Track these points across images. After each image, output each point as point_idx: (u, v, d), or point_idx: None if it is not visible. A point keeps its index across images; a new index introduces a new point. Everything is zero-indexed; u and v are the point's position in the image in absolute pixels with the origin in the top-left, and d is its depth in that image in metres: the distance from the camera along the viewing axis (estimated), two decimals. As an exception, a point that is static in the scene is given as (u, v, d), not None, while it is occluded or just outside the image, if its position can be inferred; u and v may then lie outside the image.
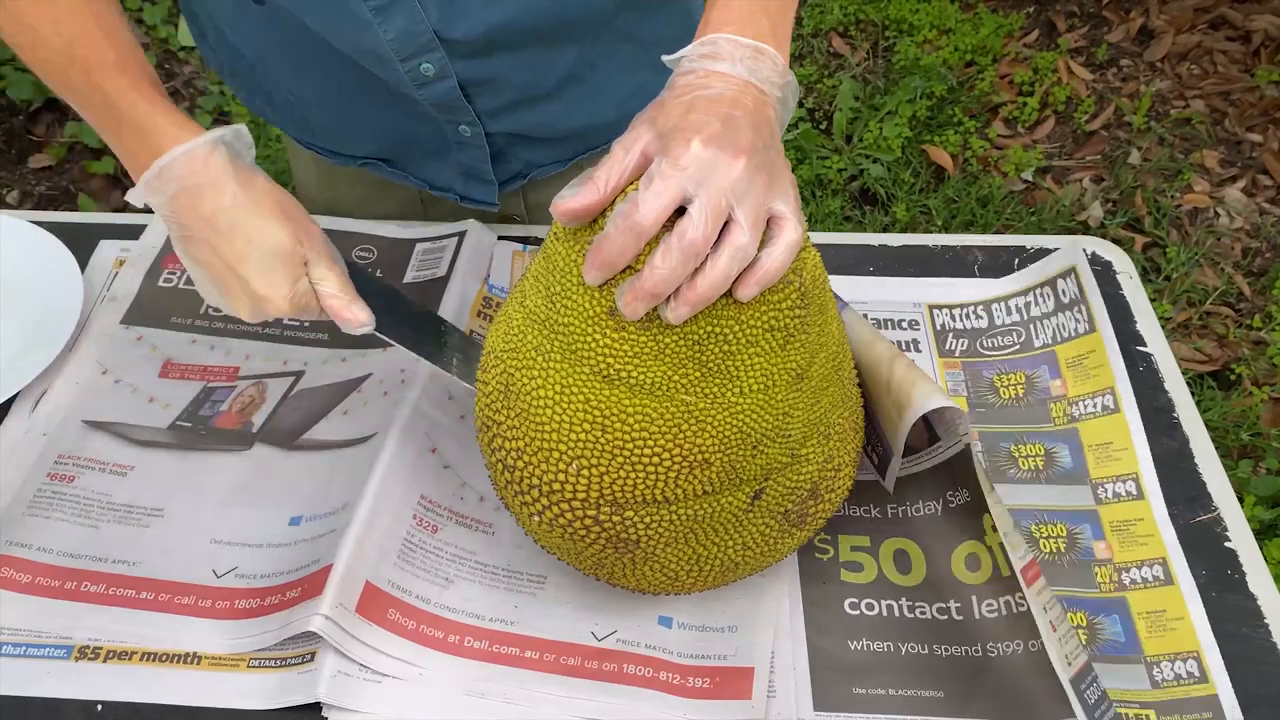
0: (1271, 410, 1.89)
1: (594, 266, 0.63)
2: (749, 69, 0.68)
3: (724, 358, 0.64)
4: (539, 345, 0.66)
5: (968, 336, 0.97)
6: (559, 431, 0.65)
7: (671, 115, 0.65)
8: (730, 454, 0.65)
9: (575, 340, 0.64)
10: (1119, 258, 1.03)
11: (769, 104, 0.67)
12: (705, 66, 0.68)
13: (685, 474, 0.65)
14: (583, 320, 0.64)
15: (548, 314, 0.66)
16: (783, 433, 0.67)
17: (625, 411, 0.64)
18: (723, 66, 0.68)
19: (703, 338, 0.63)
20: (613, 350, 0.64)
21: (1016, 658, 0.76)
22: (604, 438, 0.64)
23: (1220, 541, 0.83)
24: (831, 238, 1.07)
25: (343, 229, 1.03)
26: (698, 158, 0.62)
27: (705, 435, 0.64)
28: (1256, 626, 0.78)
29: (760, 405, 0.65)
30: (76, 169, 2.26)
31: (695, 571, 0.71)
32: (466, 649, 0.75)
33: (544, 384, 0.65)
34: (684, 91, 0.67)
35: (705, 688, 0.73)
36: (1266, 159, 2.33)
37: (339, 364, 0.93)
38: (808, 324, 0.66)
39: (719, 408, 0.64)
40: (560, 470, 0.65)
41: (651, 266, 0.61)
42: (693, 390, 0.64)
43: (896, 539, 0.83)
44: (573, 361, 0.65)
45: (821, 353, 0.68)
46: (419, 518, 0.81)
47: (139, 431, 0.89)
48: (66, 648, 0.75)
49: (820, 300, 0.68)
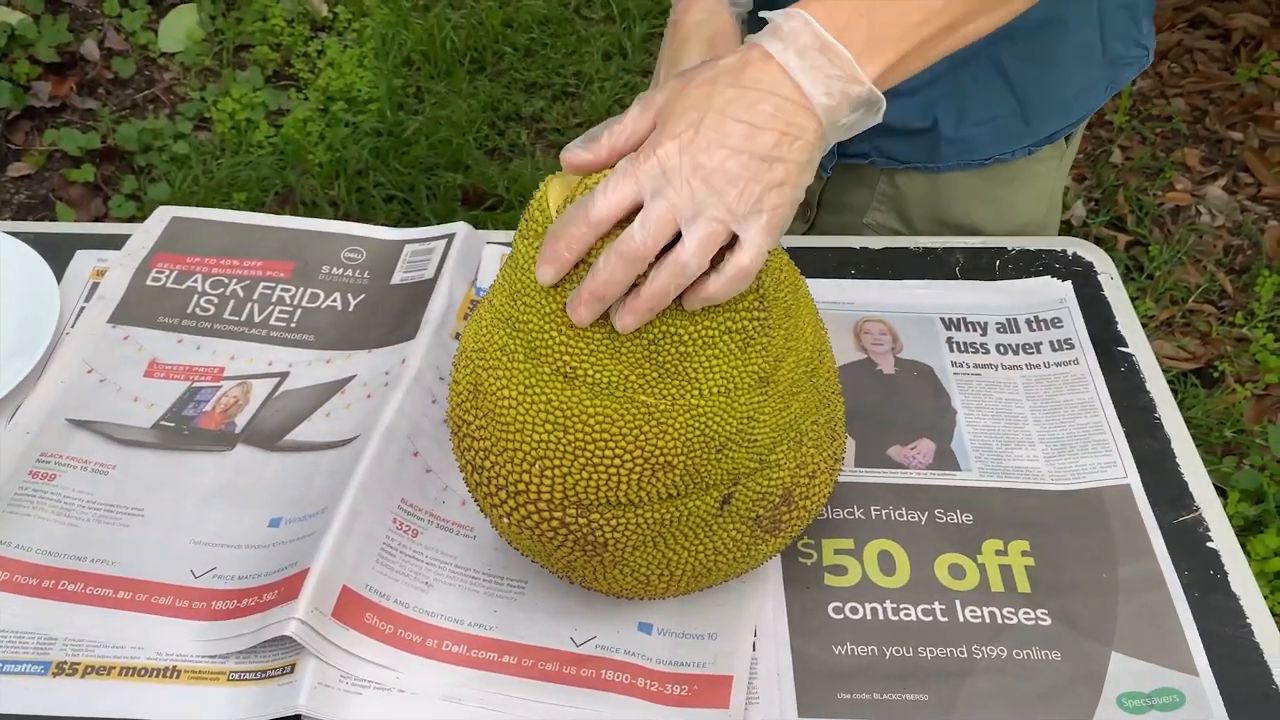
0: (1254, 407, 1.90)
1: (545, 261, 0.63)
2: (803, 65, 0.62)
3: (680, 359, 0.64)
4: (503, 345, 0.66)
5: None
6: (522, 432, 0.65)
7: (683, 99, 0.62)
8: (693, 457, 0.65)
9: (535, 339, 0.65)
10: (1100, 258, 1.03)
11: (803, 111, 0.62)
12: (761, 42, 0.63)
13: (648, 476, 0.65)
14: (541, 318, 0.64)
15: (511, 313, 0.66)
16: (748, 437, 0.66)
17: (586, 412, 0.64)
18: (774, 48, 0.62)
19: (657, 338, 0.63)
20: (570, 348, 0.64)
21: (1000, 661, 0.76)
22: (565, 438, 0.64)
23: (1203, 542, 0.83)
24: (814, 241, 1.07)
25: (330, 230, 1.03)
26: (662, 162, 0.61)
27: (666, 437, 0.64)
28: (1239, 626, 0.78)
29: (722, 408, 0.65)
30: (55, 177, 2.25)
31: (667, 576, 0.71)
32: (444, 653, 0.74)
33: (508, 384, 0.65)
34: (724, 72, 0.62)
35: (683, 695, 0.73)
36: (1247, 157, 2.34)
37: (324, 366, 0.93)
38: (770, 327, 0.66)
39: (679, 410, 0.64)
40: (525, 471, 0.65)
41: (594, 270, 0.61)
42: (651, 391, 0.64)
43: (881, 540, 0.83)
44: (535, 361, 0.65)
45: (790, 357, 0.68)
46: (399, 521, 0.81)
47: (122, 431, 0.88)
48: (44, 664, 0.75)
49: (787, 304, 0.68)
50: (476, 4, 2.55)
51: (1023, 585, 0.80)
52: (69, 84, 2.39)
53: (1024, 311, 0.98)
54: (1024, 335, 0.97)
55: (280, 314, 0.97)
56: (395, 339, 0.93)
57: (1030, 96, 0.99)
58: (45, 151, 2.28)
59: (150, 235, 1.02)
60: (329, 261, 1.01)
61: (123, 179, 2.23)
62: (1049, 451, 0.88)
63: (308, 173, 2.22)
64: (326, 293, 0.99)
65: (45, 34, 2.42)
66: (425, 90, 2.39)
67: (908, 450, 0.88)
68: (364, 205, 2.16)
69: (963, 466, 0.87)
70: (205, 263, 1.01)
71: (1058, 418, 0.90)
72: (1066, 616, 0.78)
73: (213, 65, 2.45)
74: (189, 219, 1.04)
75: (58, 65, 2.40)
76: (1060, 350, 0.95)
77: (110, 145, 2.27)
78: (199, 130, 2.33)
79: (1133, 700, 0.74)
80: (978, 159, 1.02)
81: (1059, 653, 0.76)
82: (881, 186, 1.06)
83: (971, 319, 0.98)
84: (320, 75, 2.39)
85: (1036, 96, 1.00)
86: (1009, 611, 0.79)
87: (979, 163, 1.02)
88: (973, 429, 0.90)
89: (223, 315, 0.97)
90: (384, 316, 0.96)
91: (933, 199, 1.05)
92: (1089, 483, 0.86)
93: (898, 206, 1.07)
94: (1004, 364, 0.95)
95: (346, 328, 0.96)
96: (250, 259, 1.01)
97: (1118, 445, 0.88)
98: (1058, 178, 1.09)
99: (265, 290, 0.99)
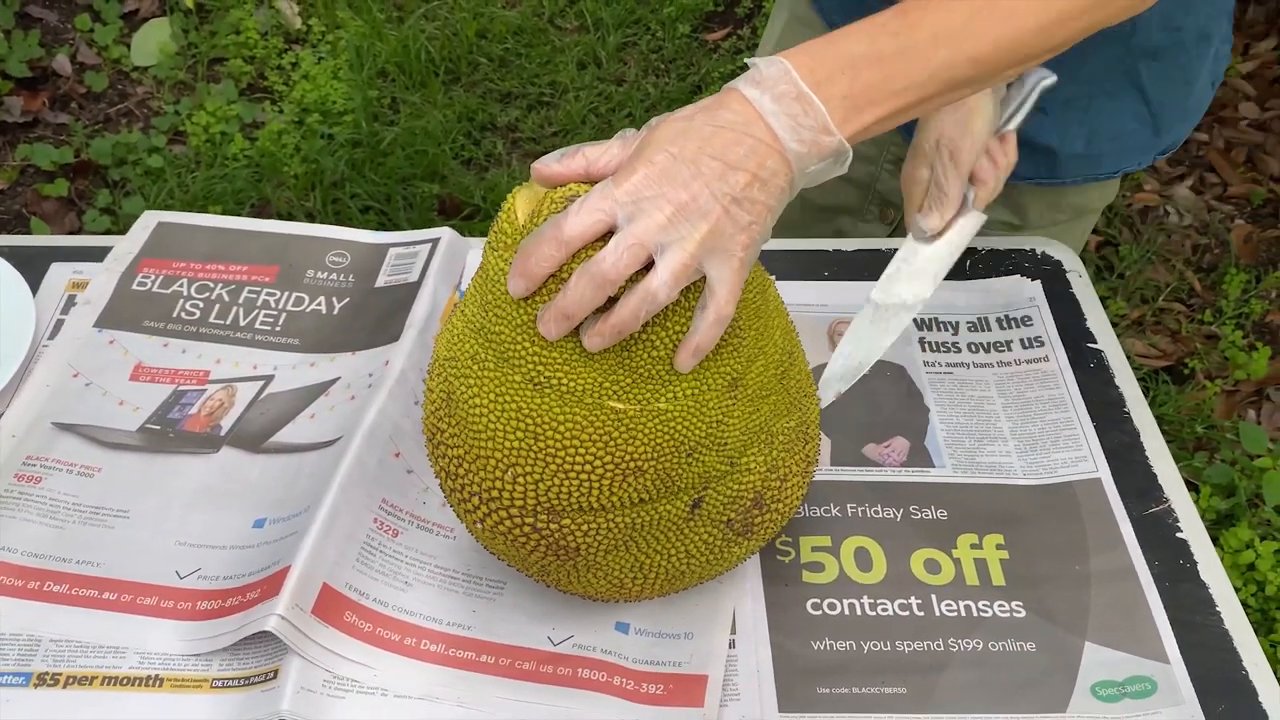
0: (1224, 403, 1.93)
1: (516, 274, 0.64)
2: (777, 110, 0.62)
3: (653, 363, 0.65)
4: (475, 354, 0.67)
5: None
6: (494, 439, 0.66)
7: (660, 133, 0.63)
8: (663, 461, 0.66)
9: (507, 348, 0.66)
10: (1068, 257, 1.05)
11: (776, 155, 0.62)
12: (738, 86, 0.64)
13: (619, 481, 0.65)
14: (512, 329, 0.65)
15: (482, 322, 0.67)
16: (718, 440, 0.67)
17: (556, 419, 0.64)
18: (751, 94, 0.63)
19: (630, 343, 0.64)
20: (542, 358, 0.65)
21: (977, 653, 0.77)
22: (536, 445, 0.65)
23: (1172, 532, 0.85)
24: (787, 243, 1.08)
25: (315, 235, 1.03)
26: (636, 190, 0.62)
27: (636, 443, 0.65)
28: (1209, 614, 0.80)
29: (692, 412, 0.66)
30: (29, 192, 2.23)
31: (640, 579, 0.71)
32: (423, 652, 0.75)
33: (479, 392, 0.66)
34: (702, 111, 0.63)
35: (659, 694, 0.73)
36: (1213, 157, 2.37)
37: (308, 369, 0.94)
38: (741, 330, 0.67)
39: (649, 415, 0.65)
40: (497, 478, 0.66)
41: (565, 287, 0.62)
42: (623, 396, 0.65)
43: (857, 537, 0.84)
44: (505, 370, 0.66)
45: (760, 359, 0.69)
46: (380, 521, 0.81)
47: (108, 434, 0.89)
48: (25, 675, 0.75)
49: (755, 305, 0.69)
50: (451, 15, 2.56)
51: (998, 578, 0.81)
52: (41, 99, 2.38)
53: (995, 310, 1.00)
54: (995, 334, 0.98)
55: (265, 318, 0.98)
56: (379, 341, 0.94)
57: (1164, 112, 0.98)
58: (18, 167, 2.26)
59: (136, 242, 1.03)
60: (314, 266, 1.02)
61: (97, 193, 2.22)
62: (1021, 447, 0.89)
63: (284, 185, 2.22)
64: (311, 297, 0.99)
65: (16, 49, 2.40)
66: (401, 101, 2.39)
67: (882, 448, 0.89)
68: (340, 216, 2.16)
69: (937, 463, 0.88)
70: (191, 267, 1.01)
71: (1029, 414, 0.92)
72: (1040, 608, 0.80)
73: (186, 79, 2.44)
74: (174, 224, 1.05)
75: (29, 80, 2.39)
76: (1031, 348, 0.97)
77: (84, 160, 2.26)
78: (173, 144, 2.32)
79: (1106, 689, 0.75)
80: (1105, 173, 1.02)
81: (1034, 644, 0.78)
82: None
83: (943, 319, 0.99)
84: (295, 87, 2.39)
85: (1170, 111, 0.98)
86: (984, 604, 0.80)
87: (1106, 176, 1.03)
88: (946, 426, 0.91)
89: (208, 319, 0.98)
90: (368, 319, 0.96)
91: (1051, 197, 1.05)
92: (1060, 477, 0.87)
93: (1013, 203, 1.04)
94: (975, 362, 0.96)
95: (331, 331, 0.96)
96: (235, 263, 1.02)
97: (1088, 439, 0.89)
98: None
99: (250, 294, 0.99)
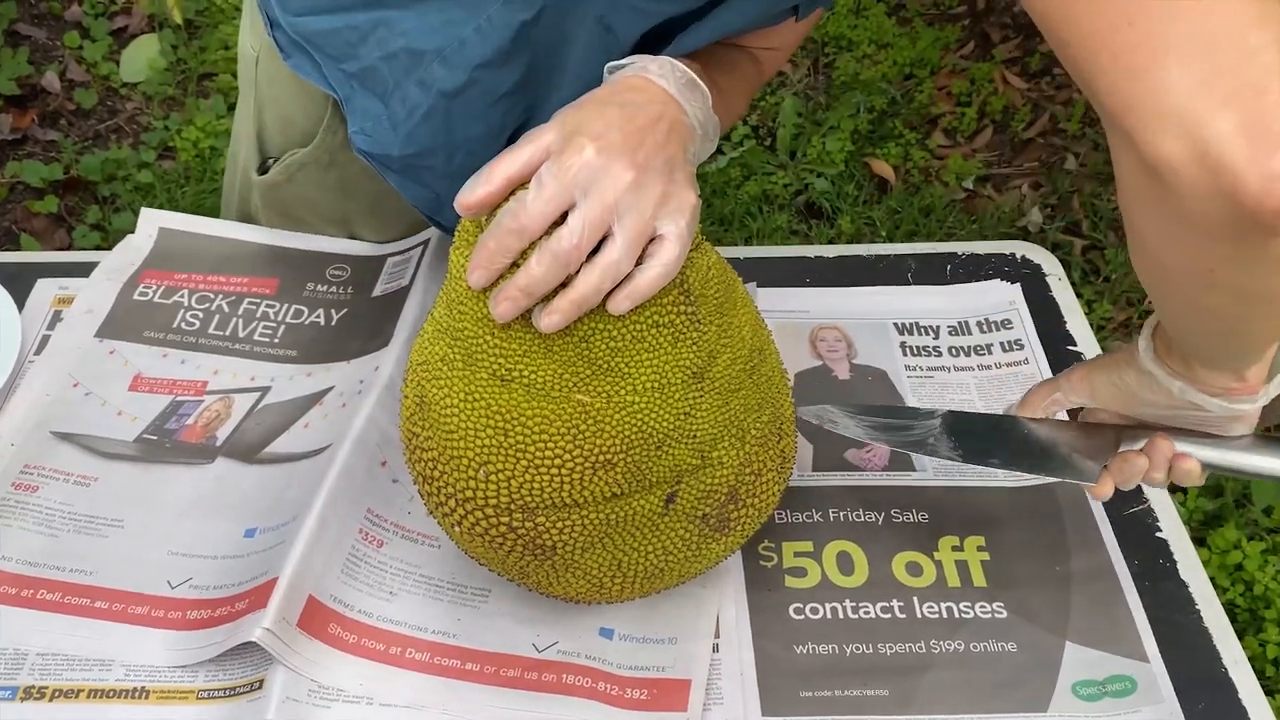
0: (1212, 405, 1.94)
1: (476, 267, 0.64)
2: (678, 88, 0.69)
3: (611, 354, 0.65)
4: (444, 355, 0.68)
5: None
6: (466, 438, 0.66)
7: (583, 115, 0.65)
8: (633, 454, 0.66)
9: (471, 345, 0.66)
10: (1047, 260, 1.06)
11: (686, 125, 0.68)
12: (638, 72, 0.69)
13: (590, 475, 0.66)
14: (475, 323, 0.66)
15: (449, 322, 0.68)
16: (687, 433, 0.68)
17: (524, 414, 0.65)
18: (652, 73, 0.69)
19: (588, 334, 0.65)
20: (503, 350, 0.65)
21: (958, 655, 0.78)
22: (506, 441, 0.65)
23: (1152, 532, 0.85)
24: (770, 251, 1.09)
25: (315, 249, 1.04)
26: (589, 164, 0.63)
27: (605, 435, 0.65)
28: (1189, 613, 0.80)
29: (656, 404, 0.66)
30: (18, 209, 2.24)
31: (619, 578, 0.72)
32: (408, 661, 0.75)
33: (450, 393, 0.67)
34: (609, 93, 0.68)
35: (643, 699, 0.74)
36: (1198, 161, 2.39)
37: (304, 379, 0.94)
38: (700, 322, 0.68)
39: (615, 407, 0.65)
40: (471, 476, 0.67)
41: (526, 267, 0.63)
42: (585, 389, 0.65)
43: (839, 541, 0.84)
44: (472, 367, 0.66)
45: (725, 353, 0.69)
46: (364, 532, 0.82)
47: (105, 444, 0.89)
48: (11, 689, 0.75)
49: (718, 300, 0.69)
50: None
51: (979, 580, 0.82)
52: (30, 116, 2.38)
53: (975, 314, 1.00)
54: (975, 337, 0.99)
55: (264, 330, 0.99)
56: (371, 348, 0.94)
57: None
58: (7, 184, 2.27)
59: (140, 251, 1.03)
60: (314, 279, 1.02)
61: (87, 210, 2.22)
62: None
63: (273, 199, 2.22)
64: (310, 309, 1.00)
65: (5, 66, 2.41)
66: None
67: (863, 453, 0.90)
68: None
69: (917, 467, 0.89)
70: (192, 279, 1.02)
71: (1009, 416, 0.92)
72: (1021, 609, 0.80)
73: (176, 94, 2.45)
74: (176, 230, 1.05)
75: (18, 98, 2.40)
76: (1011, 351, 0.97)
77: (73, 176, 2.27)
78: (163, 159, 2.33)
79: (1087, 688, 0.76)
80: None
81: (1014, 644, 0.78)
82: None
83: (924, 323, 1.00)
84: (283, 102, 2.40)
85: None
86: (965, 606, 0.80)
87: None
88: (927, 430, 0.91)
89: (207, 330, 0.98)
90: (362, 327, 0.97)
91: None
92: (1041, 479, 0.88)
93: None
94: (956, 365, 0.97)
95: (328, 341, 0.97)
96: (236, 275, 1.03)
97: (1068, 441, 0.90)
98: None
99: (250, 305, 1.00)
